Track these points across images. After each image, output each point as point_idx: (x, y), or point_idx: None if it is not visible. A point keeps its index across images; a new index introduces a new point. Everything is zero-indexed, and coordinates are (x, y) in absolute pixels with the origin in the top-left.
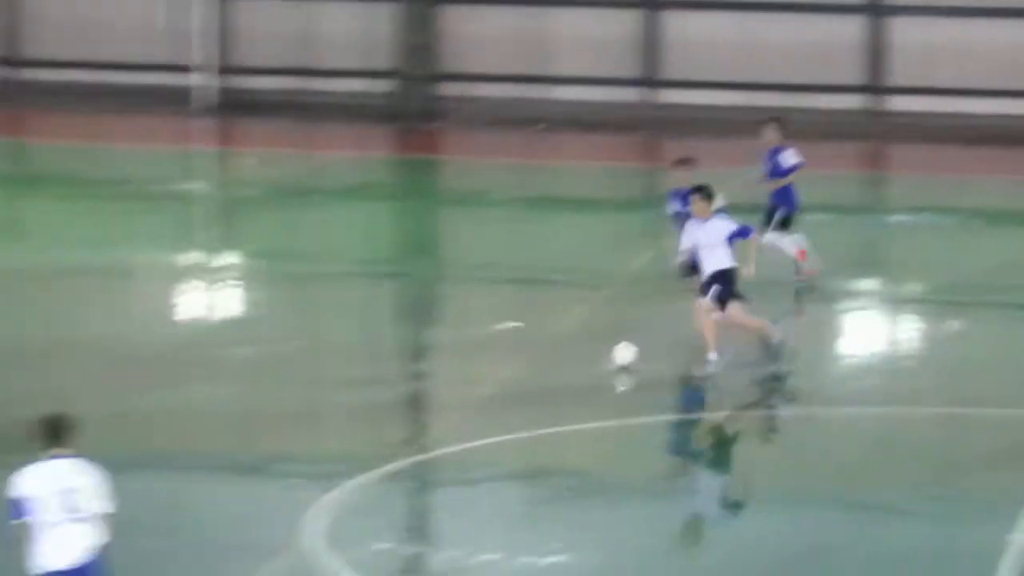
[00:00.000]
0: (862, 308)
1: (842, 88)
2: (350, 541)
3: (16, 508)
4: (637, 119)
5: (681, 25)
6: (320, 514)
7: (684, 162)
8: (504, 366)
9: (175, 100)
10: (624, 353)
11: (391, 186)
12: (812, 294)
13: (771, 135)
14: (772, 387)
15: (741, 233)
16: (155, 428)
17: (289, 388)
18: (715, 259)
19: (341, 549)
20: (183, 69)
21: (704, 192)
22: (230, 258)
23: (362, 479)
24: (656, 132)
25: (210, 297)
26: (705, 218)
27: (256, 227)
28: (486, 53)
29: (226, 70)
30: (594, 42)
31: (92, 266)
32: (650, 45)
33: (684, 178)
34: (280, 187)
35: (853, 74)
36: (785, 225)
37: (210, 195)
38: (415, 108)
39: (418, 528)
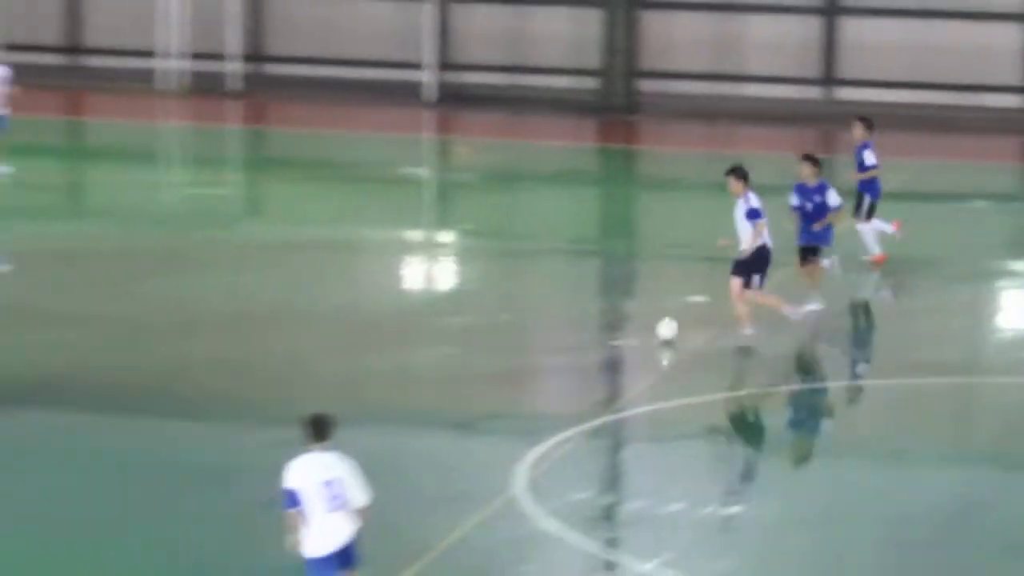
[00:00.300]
0: (1018, 287)
1: (1003, 88)
2: (552, 491)
3: (289, 499)
4: (816, 114)
5: (857, 29)
6: (526, 467)
7: (809, 159)
8: (694, 334)
9: (404, 93)
10: (667, 328)
11: (593, 172)
12: (961, 274)
13: (858, 132)
14: (932, 358)
15: (751, 215)
16: (379, 387)
17: (500, 353)
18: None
19: (544, 499)
20: (412, 66)
21: (737, 172)
22: (449, 236)
23: (564, 435)
24: (833, 126)
25: (430, 270)
26: (738, 195)
27: (472, 208)
28: (681, 53)
29: (448, 67)
30: (779, 44)
31: (327, 241)
32: (829, 47)
33: (810, 173)
34: (494, 172)
35: (1014, 75)
36: (871, 212)
37: (432, 179)
38: (617, 102)
39: (613, 480)
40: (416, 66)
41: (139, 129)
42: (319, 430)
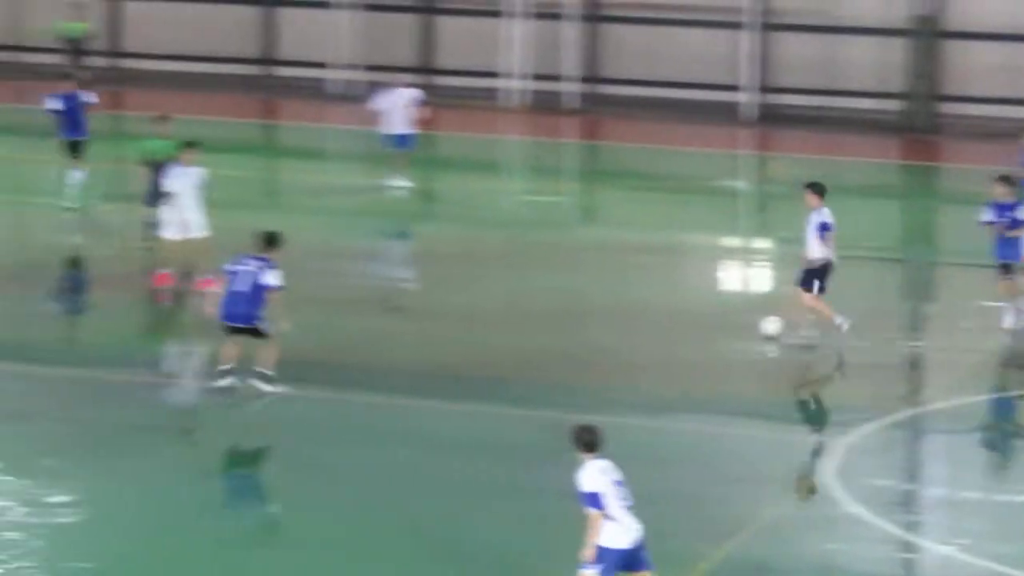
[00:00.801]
0: None
1: None
2: (857, 478)
3: (592, 500)
4: None
5: None
6: (833, 455)
7: (1004, 179)
8: (990, 337)
9: (724, 113)
10: (771, 325)
11: (896, 187)
12: None
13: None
14: None
15: (822, 228)
16: (698, 377)
17: (809, 349)
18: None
19: (849, 484)
20: (732, 88)
21: (814, 187)
22: (763, 242)
23: (869, 427)
24: None
25: (746, 273)
26: (813, 208)
27: (785, 218)
28: (979, 79)
29: (766, 89)
30: None
31: (652, 245)
32: None
33: (1004, 193)
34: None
35: None
36: None
37: (749, 191)
38: (920, 123)
39: (915, 469)
40: (736, 88)
41: (484, 142)
42: (592, 442)
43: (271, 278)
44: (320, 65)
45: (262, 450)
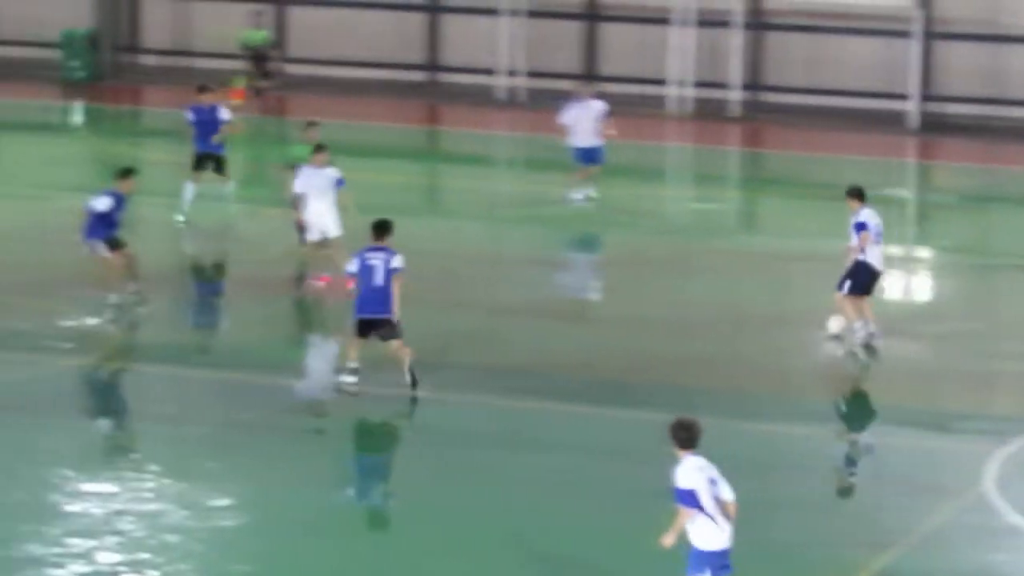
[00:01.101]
0: None
1: None
2: (1017, 488)
3: (689, 498)
4: None
5: None
6: (994, 464)
7: None
8: None
9: (888, 121)
10: (835, 324)
11: None
12: None
13: None
14: None
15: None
16: (858, 384)
17: (970, 358)
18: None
19: (1009, 494)
20: (896, 96)
21: (851, 192)
22: (926, 251)
23: None
24: None
25: (909, 281)
26: (853, 209)
27: (948, 227)
28: None
29: (930, 98)
30: None
31: (814, 252)
32: None
33: None
34: (968, 194)
35: None
36: None
37: (912, 199)
38: None
39: None
40: (899, 96)
41: (648, 149)
42: (690, 438)
43: (397, 262)
44: (484, 71)
45: (420, 455)
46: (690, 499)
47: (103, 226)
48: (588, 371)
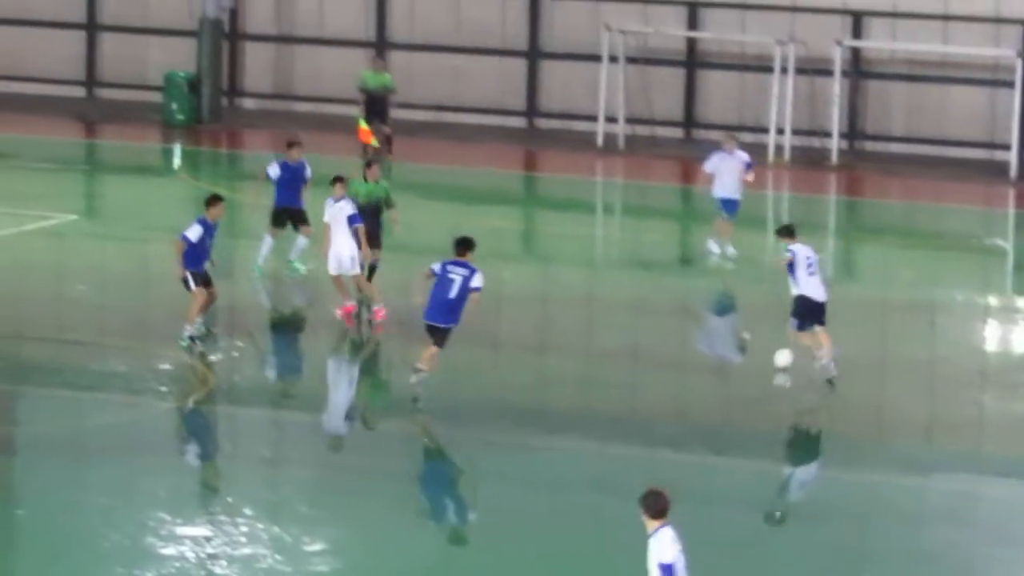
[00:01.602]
0: None
1: None
2: None
3: (668, 573)
4: None
5: None
6: None
7: None
8: None
9: (988, 170)
10: (783, 357)
11: None
12: None
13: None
14: None
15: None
16: (960, 434)
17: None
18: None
19: None
20: (995, 146)
21: (781, 231)
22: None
23: None
24: None
25: (1005, 331)
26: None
27: None
28: None
29: None
30: None
31: (913, 302)
32: None
33: None
34: None
35: None
36: None
37: (1012, 249)
38: None
39: None
40: (999, 146)
41: (748, 196)
42: (664, 508)
43: (478, 280)
44: (584, 117)
45: (518, 500)
46: (669, 574)
47: (196, 256)
48: (682, 418)
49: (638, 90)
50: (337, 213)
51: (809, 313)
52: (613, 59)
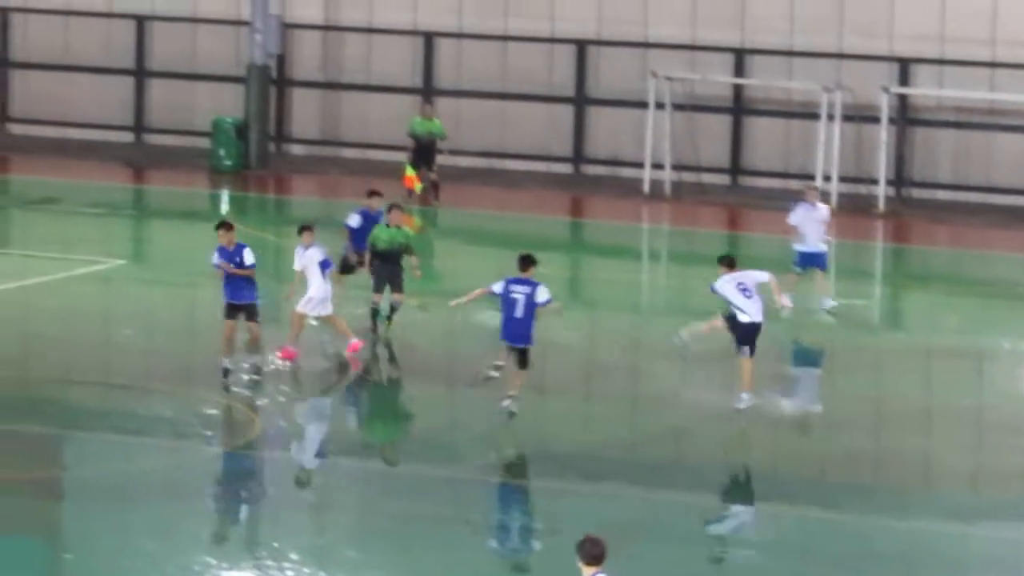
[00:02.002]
0: None
1: None
2: None
3: None
4: None
5: None
6: None
7: None
8: None
9: None
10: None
11: None
12: None
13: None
14: None
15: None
16: (1000, 483)
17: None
18: None
19: None
20: None
21: (722, 260)
22: None
23: None
24: None
25: None
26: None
27: None
28: None
29: None
30: None
31: (960, 349)
32: None
33: None
34: None
35: None
36: None
37: None
38: None
39: None
40: None
41: (791, 243)
42: (600, 555)
43: (542, 295)
44: (630, 164)
45: (558, 546)
46: None
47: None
48: (733, 466)
49: (685, 136)
50: (308, 261)
51: (747, 334)
52: (660, 105)
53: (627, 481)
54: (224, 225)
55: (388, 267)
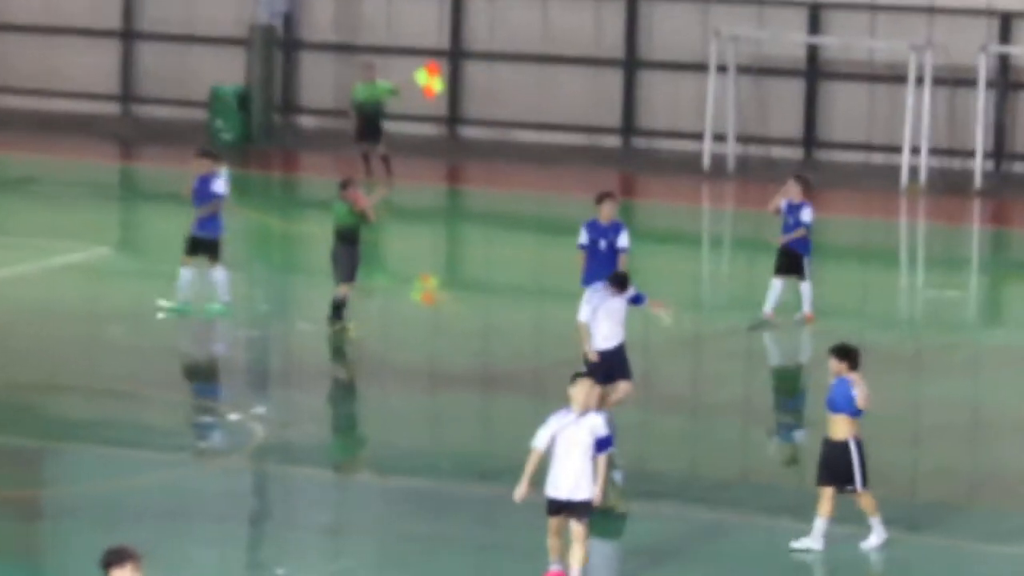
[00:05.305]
0: None
1: None
2: None
3: None
4: None
5: None
6: None
7: None
8: None
9: None
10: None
11: None
12: None
13: (793, 190)
14: None
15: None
16: None
17: None
18: None
19: None
20: None
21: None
22: None
23: None
24: None
25: None
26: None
27: None
28: None
29: None
30: None
31: None
32: None
33: None
34: None
35: None
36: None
37: None
38: None
39: None
40: None
41: (878, 227)
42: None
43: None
44: (688, 136)
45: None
46: None
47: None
48: (804, 482)
49: (751, 104)
50: None
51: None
52: (722, 69)
53: (686, 500)
54: (201, 152)
55: (344, 250)
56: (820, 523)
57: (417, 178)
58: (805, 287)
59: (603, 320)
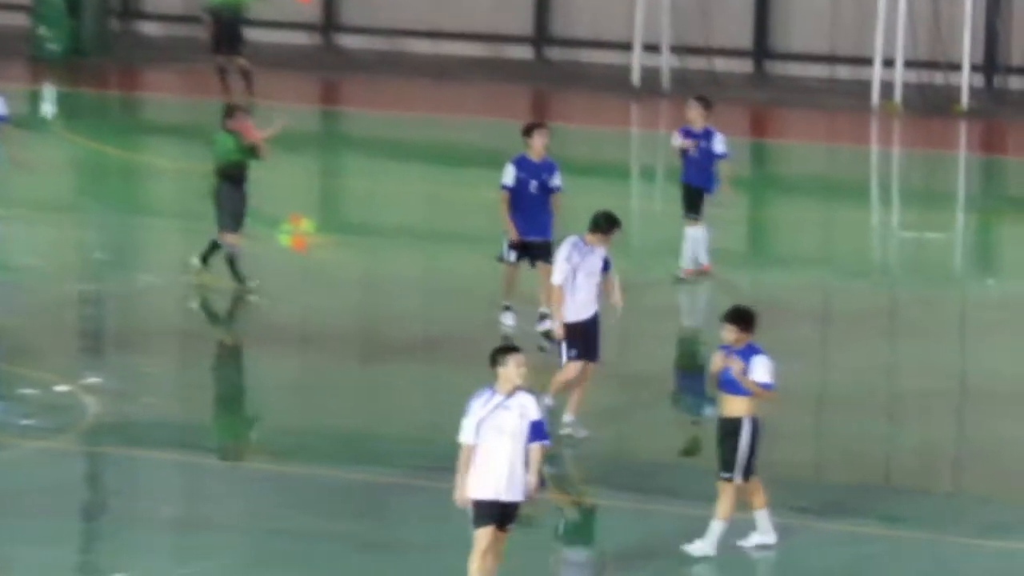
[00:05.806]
0: None
1: None
2: None
3: None
4: None
5: None
6: None
7: None
8: None
9: None
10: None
11: None
12: None
13: (694, 114)
14: None
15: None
16: None
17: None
18: None
19: None
20: None
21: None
22: None
23: None
24: None
25: None
26: None
27: None
28: None
29: None
30: None
31: None
32: None
33: None
34: None
35: None
36: None
37: None
38: None
39: None
40: None
41: (842, 154)
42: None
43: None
44: (614, 46)
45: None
46: None
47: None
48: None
49: (690, 8)
50: None
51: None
52: None
53: (671, 494)
54: None
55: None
56: (718, 526)
57: (285, 97)
58: (700, 231)
59: (582, 284)
